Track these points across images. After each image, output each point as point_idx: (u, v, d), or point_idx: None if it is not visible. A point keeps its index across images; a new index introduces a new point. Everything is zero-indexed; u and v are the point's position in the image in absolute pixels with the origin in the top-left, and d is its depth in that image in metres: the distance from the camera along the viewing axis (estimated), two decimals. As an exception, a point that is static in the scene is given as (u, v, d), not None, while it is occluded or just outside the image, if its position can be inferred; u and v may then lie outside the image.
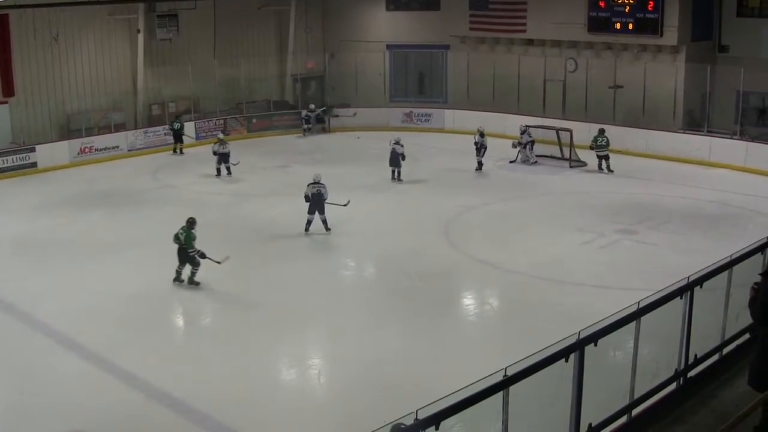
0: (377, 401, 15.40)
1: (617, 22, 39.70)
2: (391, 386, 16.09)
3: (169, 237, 22.32)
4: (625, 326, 9.89)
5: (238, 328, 19.49)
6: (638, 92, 38.96)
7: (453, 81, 46.36)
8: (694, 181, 32.90)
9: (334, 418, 15.51)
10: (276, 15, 46.47)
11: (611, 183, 33.10)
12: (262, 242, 25.76)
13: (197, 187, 32.49)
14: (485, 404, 8.05)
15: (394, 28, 47.60)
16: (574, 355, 9.01)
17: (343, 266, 24.86)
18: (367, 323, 19.67)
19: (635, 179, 33.63)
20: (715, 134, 36.80)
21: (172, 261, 23.19)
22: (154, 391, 16.35)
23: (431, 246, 25.18)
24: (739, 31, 38.65)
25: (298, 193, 26.30)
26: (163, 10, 40.31)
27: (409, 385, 15.81)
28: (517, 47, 43.86)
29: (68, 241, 26.05)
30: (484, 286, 22.97)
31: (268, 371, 17.55)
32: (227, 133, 40.26)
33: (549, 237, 26.13)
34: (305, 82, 47.34)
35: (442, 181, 33.05)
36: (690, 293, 10.80)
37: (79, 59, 38.96)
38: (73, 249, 25.28)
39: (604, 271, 22.96)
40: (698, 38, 39.07)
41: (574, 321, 11.42)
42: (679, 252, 24.12)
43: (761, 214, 27.59)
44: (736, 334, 11.67)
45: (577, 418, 9.30)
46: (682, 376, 11.01)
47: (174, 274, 22.15)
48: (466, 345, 18.84)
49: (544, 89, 42.57)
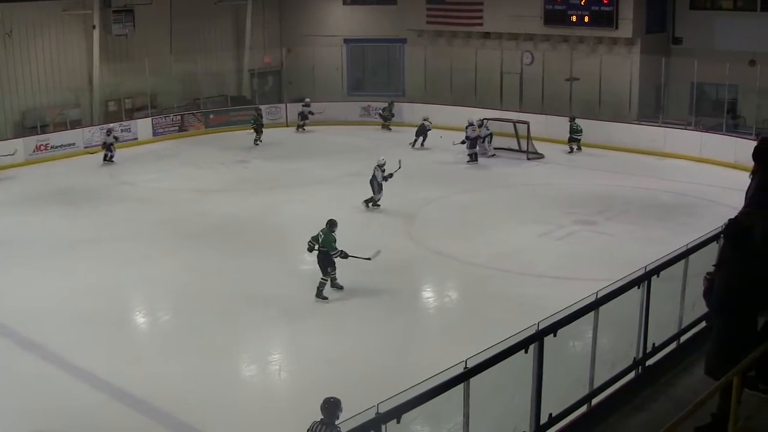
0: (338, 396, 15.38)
1: (573, 14, 39.95)
2: (352, 380, 16.09)
3: (127, 233, 22.20)
4: (583, 316, 9.97)
5: (198, 325, 19.39)
6: (594, 84, 39.19)
7: (410, 75, 46.42)
8: (651, 172, 33.17)
9: (295, 413, 15.44)
10: (233, 10, 46.30)
11: (569, 174, 33.29)
12: (222, 238, 25.64)
13: (155, 184, 32.32)
14: (446, 396, 8.10)
15: (351, 23, 47.56)
16: (534, 346, 9.07)
17: (304, 261, 24.79)
18: (328, 317, 19.69)
19: (592, 170, 33.84)
20: (671, 125, 37.11)
21: (130, 258, 23.16)
22: (114, 390, 16.26)
23: (391, 239, 25.19)
24: (692, 24, 39.04)
25: (257, 189, 26.26)
26: (118, 5, 39.99)
27: (369, 379, 15.84)
28: (474, 40, 44.00)
29: (25, 240, 25.80)
30: (444, 278, 23.04)
31: (229, 368, 17.51)
32: (185, 128, 40.23)
33: (507, 229, 26.25)
34: (262, 76, 47.26)
35: (400, 174, 33.01)
36: (647, 283, 10.89)
37: (33, 55, 38.58)
38: (31, 247, 25.04)
39: (563, 262, 23.10)
40: (652, 30, 39.41)
41: (534, 312, 11.48)
42: (637, 242, 24.32)
43: (717, 203, 27.84)
44: (693, 322, 11.77)
45: (538, 409, 9.36)
46: (641, 364, 11.10)
47: (315, 290, 20.96)
48: (426, 338, 18.92)
49: (501, 82, 42.67)
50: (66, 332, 18.96)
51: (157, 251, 24.23)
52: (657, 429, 7.11)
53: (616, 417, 9.95)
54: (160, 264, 23.03)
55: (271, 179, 32.76)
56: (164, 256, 23.81)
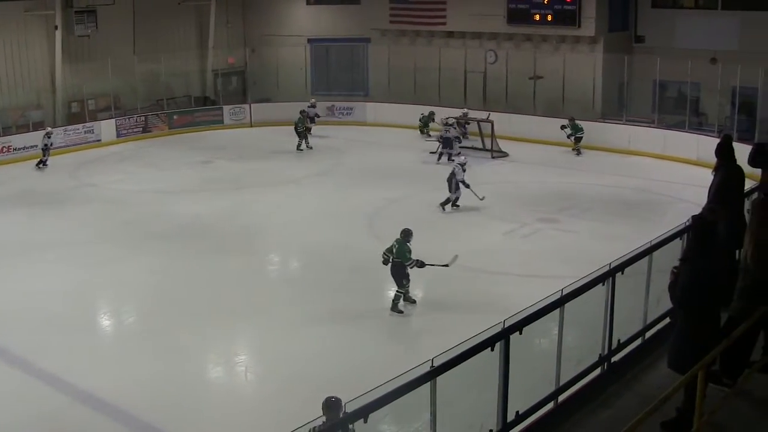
0: (306, 396, 15.30)
1: (536, 13, 40.11)
2: (319, 381, 16.05)
3: (91, 235, 22.06)
4: (549, 314, 10.02)
5: (164, 326, 19.28)
6: (558, 83, 39.39)
7: (374, 74, 46.41)
8: (614, 169, 33.35)
9: (262, 414, 15.48)
10: (196, 10, 46.13)
11: (532, 172, 33.41)
12: (187, 240, 25.53)
13: (119, 185, 32.12)
14: (413, 395, 8.10)
15: (314, 22, 47.51)
16: (500, 343, 9.09)
17: (270, 262, 24.79)
18: (295, 318, 19.62)
19: (555, 168, 34.00)
20: (634, 123, 37.33)
21: (95, 260, 23.05)
22: (78, 393, 16.15)
23: (357, 239, 25.19)
24: (654, 22, 39.30)
25: (222, 189, 26.18)
26: (81, 5, 39.72)
27: (337, 379, 15.80)
28: (437, 39, 44.05)
29: (-12, 242, 25.62)
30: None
31: (195, 369, 17.43)
32: (149, 129, 40.09)
33: (472, 227, 26.31)
34: (226, 77, 47.10)
35: (365, 174, 33.07)
36: (612, 279, 10.95)
37: (-6, 56, 38.34)
38: (-6, 250, 24.88)
39: (528, 260, 23.18)
40: (615, 29, 39.65)
41: (500, 310, 11.54)
42: (601, 239, 24.43)
43: (680, 200, 28.02)
44: (657, 318, 11.85)
45: (505, 406, 9.39)
46: (606, 361, 11.16)
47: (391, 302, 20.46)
48: (393, 337, 18.95)
49: (464, 81, 42.77)
50: (30, 335, 18.80)
51: (121, 253, 24.08)
52: (623, 424, 7.15)
53: (582, 413, 10.01)
54: (125, 266, 22.90)
55: (235, 179, 32.66)
56: (129, 258, 23.67)
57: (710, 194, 12.61)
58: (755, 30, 35.73)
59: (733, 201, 12.26)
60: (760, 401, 9.43)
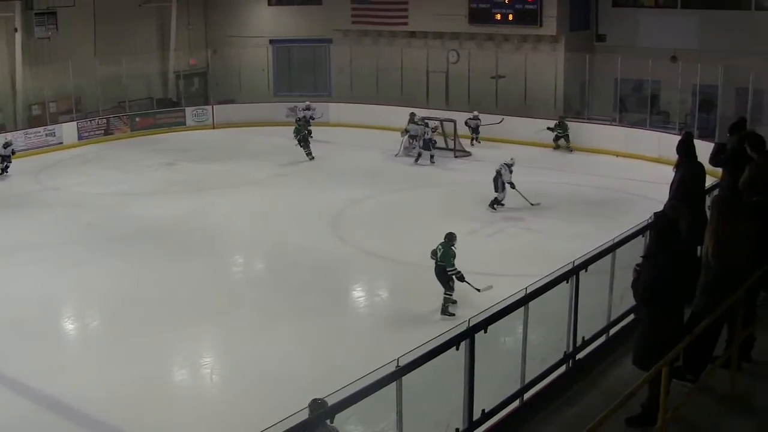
0: (271, 397, 15.37)
1: (497, 13, 40.24)
2: (284, 382, 16.07)
3: (54, 239, 21.90)
4: (513, 312, 10.05)
5: (128, 329, 19.16)
6: (520, 82, 39.56)
7: (336, 74, 46.40)
8: (577, 168, 33.51)
9: (228, 416, 15.43)
10: (157, 11, 45.84)
11: (496, 172, 33.47)
12: (150, 242, 25.38)
13: (81, 188, 31.90)
14: (379, 395, 8.11)
15: (276, 23, 47.40)
16: (465, 342, 9.11)
17: (234, 263, 24.73)
18: (259, 320, 19.59)
19: (519, 167, 34.02)
20: (596, 121, 37.54)
21: (58, 263, 22.90)
22: (43, 398, 16.05)
23: (320, 240, 25.19)
24: (615, 21, 39.58)
25: (185, 191, 26.08)
26: (41, 7, 39.28)
27: (302, 380, 15.78)
28: (399, 39, 44.07)
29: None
30: (374, 277, 23.08)
31: (160, 372, 17.36)
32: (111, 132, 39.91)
33: (437, 227, 26.17)
34: (188, 78, 46.89)
35: (328, 174, 33.03)
36: (575, 277, 11.00)
37: (-47, 59, 37.98)
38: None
39: (493, 259, 23.24)
40: (576, 28, 39.86)
41: (464, 309, 11.57)
42: (564, 237, 24.53)
43: (642, 197, 28.17)
44: (621, 315, 11.92)
45: (471, 405, 9.40)
46: (571, 358, 11.20)
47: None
48: (358, 337, 18.91)
49: (427, 81, 42.86)
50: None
51: (85, 256, 23.92)
52: (588, 421, 7.17)
53: (547, 411, 10.04)
54: (89, 269, 22.76)
55: (197, 181, 32.53)
56: (92, 261, 23.52)
57: (671, 191, 12.70)
58: (715, 28, 36.06)
59: (694, 197, 12.36)
60: (723, 396, 9.50)
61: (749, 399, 9.58)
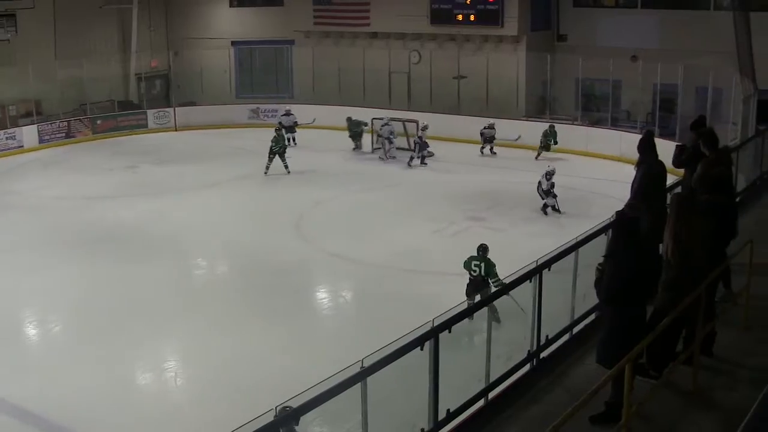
0: (236, 400, 15.33)
1: (459, 13, 40.42)
2: (250, 384, 16.04)
3: (15, 243, 21.66)
4: (478, 312, 10.07)
5: (90, 333, 19.05)
6: (482, 82, 39.70)
7: (298, 76, 46.39)
8: (539, 167, 33.59)
9: (192, 419, 15.39)
10: (118, 13, 45.62)
11: (458, 172, 33.57)
12: (112, 245, 25.20)
13: (42, 192, 31.62)
14: (344, 396, 8.11)
15: (238, 25, 47.37)
16: (429, 342, 9.11)
17: (196, 266, 24.64)
18: (223, 322, 19.51)
19: (481, 167, 34.24)
20: (557, 121, 37.70)
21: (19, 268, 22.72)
22: (4, 403, 15.89)
23: (284, 242, 25.15)
24: (576, 21, 39.88)
25: (147, 194, 25.96)
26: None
27: (267, 382, 15.77)
28: (361, 40, 44.18)
29: None
30: (338, 278, 23.06)
31: (123, 376, 17.23)
32: (72, 135, 39.66)
33: (400, 227, 26.37)
34: (150, 81, 46.69)
35: (291, 175, 32.97)
36: (539, 276, 11.05)
37: None
38: None
39: (456, 259, 23.19)
40: (538, 28, 40.10)
41: (429, 309, 11.56)
42: (528, 236, 24.64)
43: (603, 196, 28.32)
44: (585, 313, 11.97)
45: (436, 405, 9.42)
46: (535, 357, 11.24)
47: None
48: (322, 338, 18.90)
49: (389, 81, 42.92)
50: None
51: (46, 261, 23.74)
52: (553, 419, 7.21)
53: (512, 409, 10.07)
54: (50, 273, 22.60)
55: (159, 184, 32.38)
56: (54, 266, 23.35)
57: (633, 189, 12.78)
58: (675, 28, 36.43)
59: (654, 195, 12.43)
60: (686, 392, 9.58)
61: (711, 394, 9.67)
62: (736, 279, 11.55)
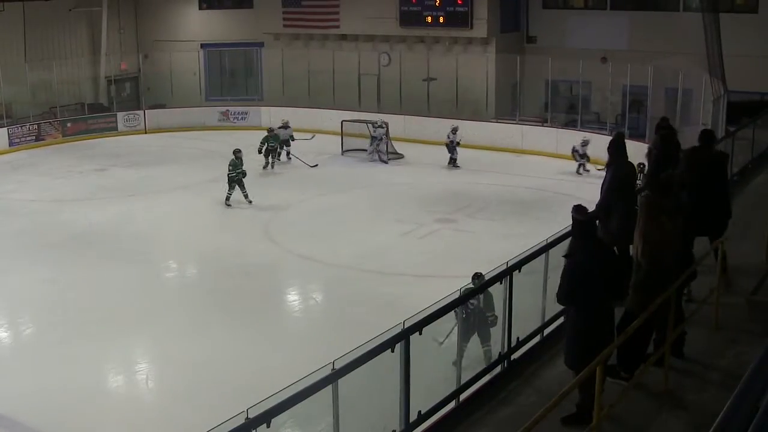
0: (207, 402, 15.28)
1: (428, 15, 40.44)
2: (221, 387, 15.98)
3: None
4: (448, 313, 10.08)
5: (61, 337, 18.92)
6: (451, 84, 39.78)
7: (268, 78, 46.30)
8: (508, 169, 33.75)
9: (164, 421, 15.33)
10: (87, 16, 45.34)
11: (428, 174, 33.60)
12: (81, 248, 25.08)
13: (12, 195, 31.37)
14: (315, 398, 8.10)
15: (207, 27, 47.23)
16: (400, 344, 9.11)
17: (166, 268, 24.52)
18: (193, 324, 19.46)
19: (451, 169, 34.24)
20: (527, 122, 37.82)
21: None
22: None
23: (253, 244, 25.12)
24: (545, 22, 40.02)
25: (117, 197, 25.83)
26: (-32, 13, 38.91)
27: (238, 385, 15.73)
28: (330, 43, 44.14)
29: None
30: (308, 281, 23.02)
31: (95, 379, 17.12)
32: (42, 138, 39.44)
33: (369, 229, 26.38)
34: (120, 83, 46.42)
35: (260, 178, 32.89)
36: (509, 278, 11.07)
37: None
38: None
39: (426, 261, 23.31)
40: (507, 30, 40.20)
41: (399, 311, 11.58)
42: (497, 238, 24.69)
43: (573, 197, 28.19)
44: (555, 315, 12.00)
45: (407, 407, 9.41)
46: (506, 359, 11.26)
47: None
48: (293, 341, 18.86)
49: (358, 84, 42.90)
50: None
51: (15, 264, 23.59)
52: (523, 421, 7.22)
53: (483, 411, 10.08)
54: (20, 277, 22.45)
55: (129, 187, 32.21)
56: (23, 269, 23.19)
57: (602, 190, 12.81)
58: (644, 29, 36.63)
59: (625, 196, 12.47)
60: (656, 393, 9.61)
61: (682, 395, 9.71)
62: (704, 279, 11.61)
